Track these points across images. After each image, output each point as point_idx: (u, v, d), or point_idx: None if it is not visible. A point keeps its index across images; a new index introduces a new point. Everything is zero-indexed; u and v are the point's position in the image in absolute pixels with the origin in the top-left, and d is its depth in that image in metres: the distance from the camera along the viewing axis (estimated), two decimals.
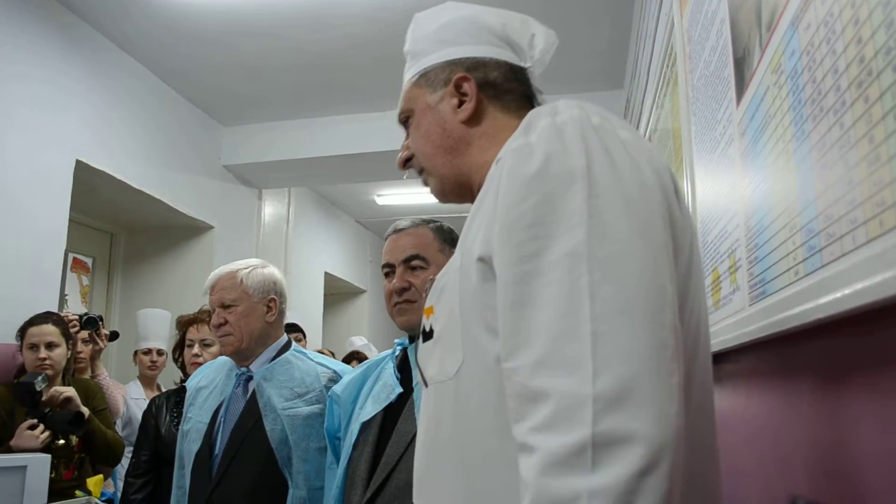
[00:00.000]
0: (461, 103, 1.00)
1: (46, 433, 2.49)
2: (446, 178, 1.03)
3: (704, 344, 0.83)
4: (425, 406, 0.93)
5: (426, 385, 0.92)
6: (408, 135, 1.09)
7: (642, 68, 2.77)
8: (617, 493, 0.61)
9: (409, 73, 1.07)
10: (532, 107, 1.02)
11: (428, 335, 0.92)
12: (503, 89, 1.01)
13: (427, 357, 0.92)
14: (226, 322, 1.98)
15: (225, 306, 1.99)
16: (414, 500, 0.92)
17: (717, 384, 0.88)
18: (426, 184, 1.08)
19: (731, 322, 1.17)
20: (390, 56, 3.66)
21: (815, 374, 0.90)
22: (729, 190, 1.21)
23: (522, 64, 1.04)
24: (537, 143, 0.77)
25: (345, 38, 3.52)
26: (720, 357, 1.24)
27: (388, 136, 4.30)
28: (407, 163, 1.09)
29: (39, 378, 2.52)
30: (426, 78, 1.04)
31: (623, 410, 0.63)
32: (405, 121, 1.08)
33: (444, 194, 1.06)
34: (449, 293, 0.87)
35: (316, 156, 4.52)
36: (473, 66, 1.01)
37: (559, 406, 0.65)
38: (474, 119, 0.99)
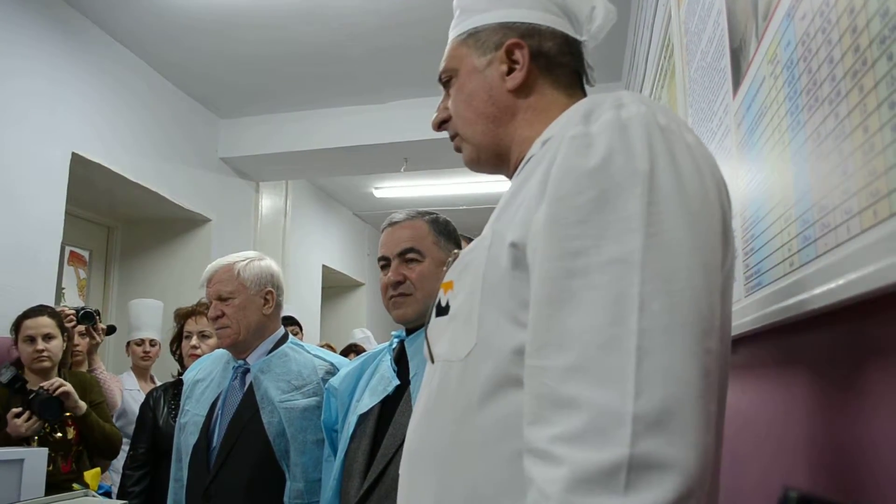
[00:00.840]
0: (510, 71, 0.93)
1: (32, 420, 2.49)
2: (484, 147, 0.97)
3: (727, 362, 0.79)
4: (428, 381, 0.90)
5: (432, 360, 0.90)
6: (447, 95, 1.02)
7: (640, 59, 2.77)
8: None
9: (457, 30, 1.00)
10: (581, 84, 0.99)
11: (443, 310, 0.88)
12: (556, 62, 0.95)
13: (438, 333, 0.88)
14: (223, 314, 1.98)
15: (222, 299, 1.99)
16: (401, 470, 0.91)
17: None
18: (459, 150, 1.02)
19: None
20: (388, 47, 3.67)
21: (810, 364, 0.90)
22: (727, 181, 1.21)
23: (578, 37, 0.97)
24: (598, 135, 0.72)
25: (342, 30, 3.51)
26: None
27: (385, 128, 4.30)
28: (442, 125, 1.03)
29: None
30: (476, 38, 0.97)
31: (662, 435, 0.60)
32: (447, 80, 1.01)
33: (477, 163, 1.00)
34: (473, 272, 0.83)
35: (313, 148, 4.51)
36: (528, 32, 0.94)
37: (593, 419, 0.62)
38: (522, 90, 0.93)
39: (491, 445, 0.76)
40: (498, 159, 0.97)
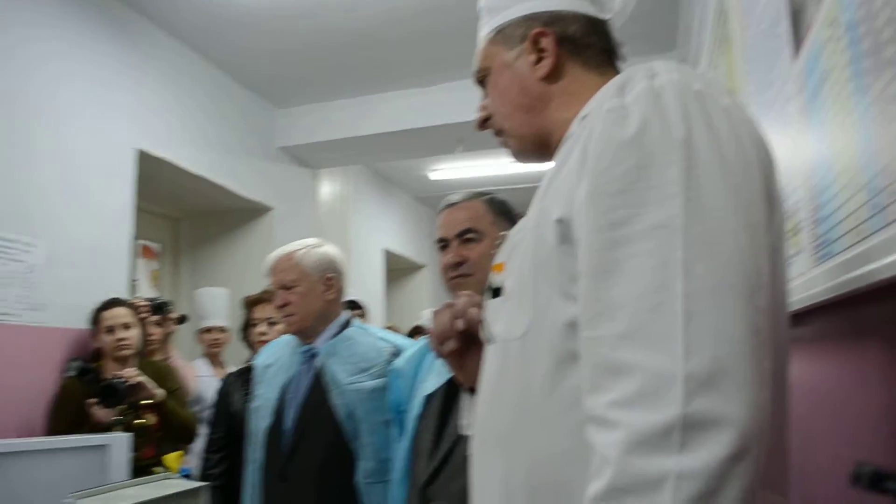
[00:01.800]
0: (539, 60, 0.96)
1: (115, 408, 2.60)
2: (525, 138, 1.00)
3: (785, 320, 0.81)
4: (489, 362, 0.92)
5: (491, 342, 0.92)
6: (485, 94, 1.05)
7: (695, 28, 2.69)
8: (706, 476, 0.60)
9: (485, 31, 1.03)
10: (612, 62, 1.00)
11: (496, 292, 0.91)
12: (583, 44, 0.96)
13: (494, 314, 0.91)
14: (288, 303, 2.03)
15: (285, 287, 2.04)
16: (471, 451, 0.93)
17: None
18: (505, 145, 1.05)
19: (795, 285, 1.14)
20: (436, 29, 3.65)
21: (883, 336, 0.87)
22: (789, 149, 1.18)
23: (602, 16, 0.99)
24: (633, 106, 0.73)
25: (389, 13, 3.52)
26: None
27: (438, 110, 4.29)
28: (485, 123, 1.06)
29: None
30: (502, 34, 1.00)
31: (715, 393, 0.61)
32: (482, 80, 1.05)
33: (523, 154, 1.03)
34: (522, 251, 0.86)
35: (367, 134, 4.54)
36: (551, 20, 0.96)
37: (646, 382, 0.63)
38: (553, 76, 0.96)
39: (554, 420, 0.78)
40: (542, 147, 0.99)
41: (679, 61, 3.57)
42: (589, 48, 0.97)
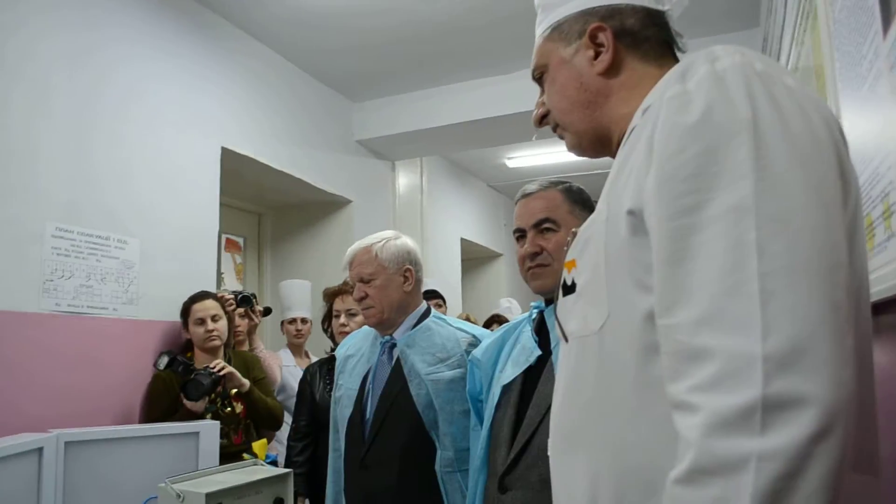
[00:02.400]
0: (597, 55, 0.95)
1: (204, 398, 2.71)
2: (584, 134, 1.00)
3: (866, 298, 0.78)
4: (565, 361, 0.92)
5: (566, 340, 0.91)
6: (542, 91, 1.05)
7: (779, 3, 2.59)
8: (789, 456, 0.59)
9: (541, 28, 1.03)
10: (672, 53, 0.98)
11: (569, 289, 0.90)
12: (641, 37, 0.95)
13: (568, 311, 0.90)
14: (366, 296, 2.06)
15: (364, 280, 2.07)
16: (549, 453, 0.93)
17: (874, 336, 0.82)
18: (562, 138, 1.05)
19: (888, 271, 1.09)
20: (510, 15, 3.62)
21: None
22: (880, 129, 1.12)
23: (660, 7, 0.97)
24: (696, 91, 0.73)
25: (462, 3, 3.51)
26: (876, 308, 1.16)
27: (513, 98, 4.27)
28: (542, 120, 1.06)
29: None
30: (559, 31, 1.00)
31: (796, 372, 0.61)
32: (539, 77, 1.05)
33: (581, 149, 1.03)
34: (594, 246, 0.85)
35: (444, 124, 4.55)
36: (608, 14, 0.96)
37: (725, 365, 0.63)
38: (612, 70, 0.95)
39: (639, 412, 0.77)
40: (599, 142, 0.99)
41: (763, 38, 3.45)
42: (647, 41, 0.96)
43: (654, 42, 0.96)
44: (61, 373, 2.57)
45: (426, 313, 2.13)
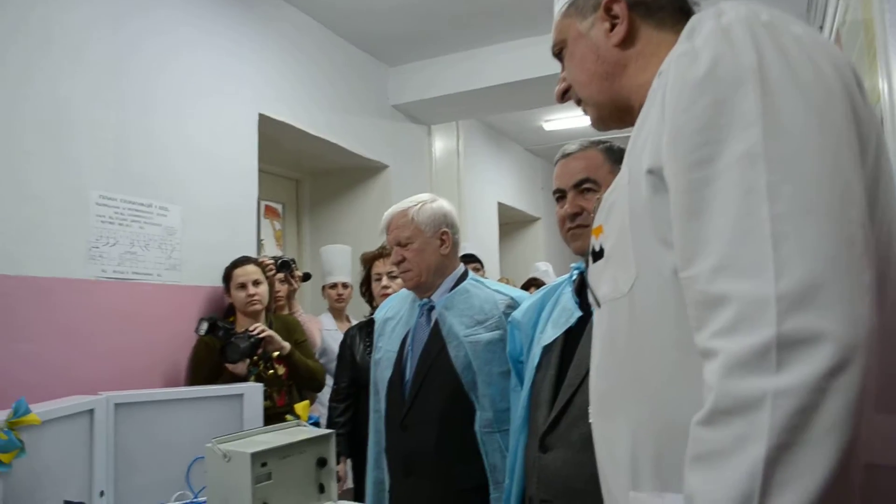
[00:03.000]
0: (613, 27, 0.97)
1: (245, 361, 2.76)
2: (604, 105, 1.01)
3: (892, 234, 0.77)
4: (598, 326, 0.93)
5: (598, 305, 0.93)
6: (563, 66, 1.07)
7: None
8: (804, 392, 0.60)
9: (558, 5, 1.05)
10: (689, 19, 0.97)
11: (598, 254, 0.92)
12: (655, 5, 0.96)
13: (598, 276, 0.92)
14: (404, 259, 2.07)
15: (401, 244, 2.07)
16: (591, 419, 0.94)
17: None
18: (586, 113, 1.06)
19: None
20: None
21: None
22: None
23: None
24: (703, 46, 0.74)
25: None
26: None
27: (550, 59, 4.14)
28: (565, 94, 1.08)
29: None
30: (575, 6, 1.01)
31: (809, 309, 0.62)
32: (559, 53, 1.07)
33: (603, 121, 1.05)
34: (618, 210, 0.86)
35: (480, 87, 4.51)
36: None
37: (741, 308, 0.64)
38: (628, 41, 0.96)
39: (675, 369, 0.78)
40: (621, 112, 1.00)
41: None
42: (661, 9, 0.96)
43: (669, 9, 0.97)
44: (109, 337, 2.63)
45: (464, 276, 2.13)
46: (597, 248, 0.92)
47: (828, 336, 0.60)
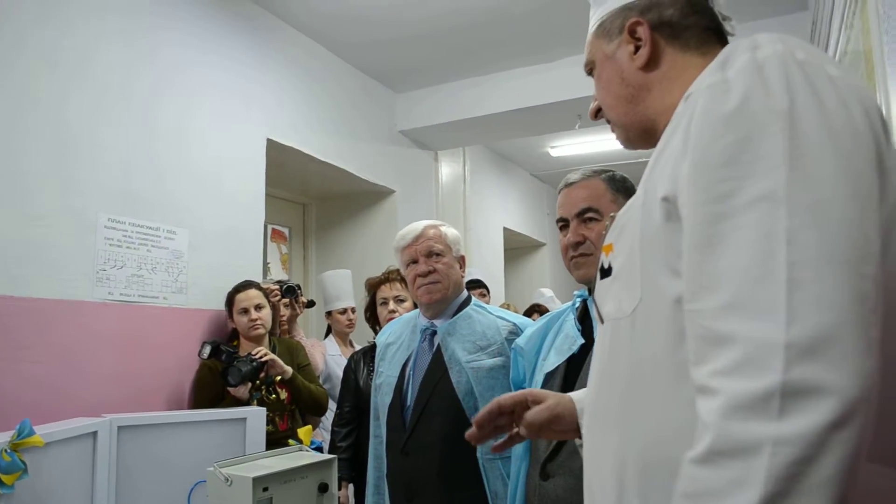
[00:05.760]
0: (637, 49, 0.96)
1: (247, 385, 2.77)
2: (630, 127, 1.01)
3: None
4: (601, 342, 0.94)
5: (602, 321, 0.93)
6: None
7: None
8: (804, 443, 0.60)
9: (592, 24, 1.05)
10: (718, 38, 0.97)
11: (606, 272, 0.92)
12: (681, 27, 0.95)
13: (604, 293, 0.92)
14: (434, 270, 2.07)
15: (433, 254, 2.08)
16: (583, 430, 0.94)
17: None
18: (614, 132, 1.06)
19: None
20: (552, 3, 3.58)
21: None
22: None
23: None
24: (735, 79, 0.73)
25: None
26: None
27: (556, 86, 4.24)
28: (598, 114, 1.08)
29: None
30: (602, 27, 1.01)
31: (818, 361, 0.61)
32: (590, 72, 1.07)
33: (630, 142, 1.04)
34: (630, 231, 0.86)
35: (486, 113, 4.54)
36: (646, 7, 0.96)
37: (747, 351, 0.64)
38: (651, 63, 0.95)
39: (667, 395, 0.78)
40: (646, 135, 0.99)
41: (811, 21, 3.36)
42: (687, 30, 0.95)
43: (695, 30, 0.95)
44: (114, 359, 2.64)
45: (466, 301, 2.15)
46: (605, 266, 0.92)
47: (833, 390, 0.60)
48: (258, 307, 2.97)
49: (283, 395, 2.92)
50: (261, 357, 2.80)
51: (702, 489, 0.65)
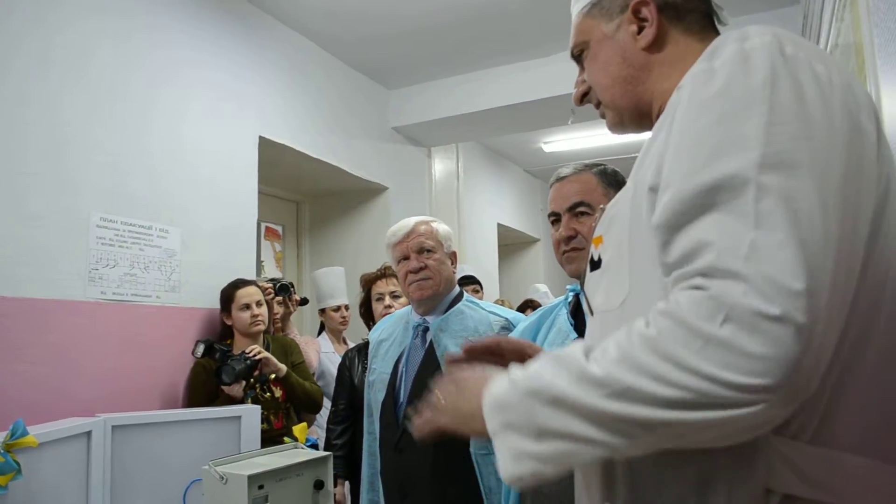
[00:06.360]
0: (641, 29, 0.95)
1: (241, 383, 2.77)
2: (625, 110, 0.99)
3: (892, 282, 0.76)
4: (590, 333, 0.94)
5: (591, 313, 0.93)
6: (581, 69, 1.05)
7: None
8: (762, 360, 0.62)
9: (579, 5, 1.03)
10: (713, 26, 0.97)
11: (595, 264, 0.92)
12: (685, 9, 0.94)
13: (594, 286, 0.92)
14: (425, 266, 2.07)
15: (424, 251, 2.08)
16: None
17: None
18: (603, 117, 1.05)
19: None
20: None
21: None
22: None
23: None
24: (720, 68, 0.74)
25: None
26: None
27: (549, 82, 4.23)
28: (583, 98, 1.06)
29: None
30: (599, 7, 0.99)
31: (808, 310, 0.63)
32: (578, 55, 1.05)
33: (622, 125, 1.02)
34: (619, 223, 0.86)
35: (479, 109, 4.54)
36: None
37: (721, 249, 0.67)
38: (656, 45, 0.94)
39: None
40: (641, 117, 0.98)
41: (803, 15, 3.36)
42: (691, 13, 0.95)
43: (697, 14, 0.95)
44: (108, 359, 2.64)
45: (458, 297, 2.15)
46: (595, 258, 0.92)
47: (787, 318, 0.62)
48: (259, 303, 2.98)
49: (278, 392, 2.92)
50: (255, 355, 2.80)
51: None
